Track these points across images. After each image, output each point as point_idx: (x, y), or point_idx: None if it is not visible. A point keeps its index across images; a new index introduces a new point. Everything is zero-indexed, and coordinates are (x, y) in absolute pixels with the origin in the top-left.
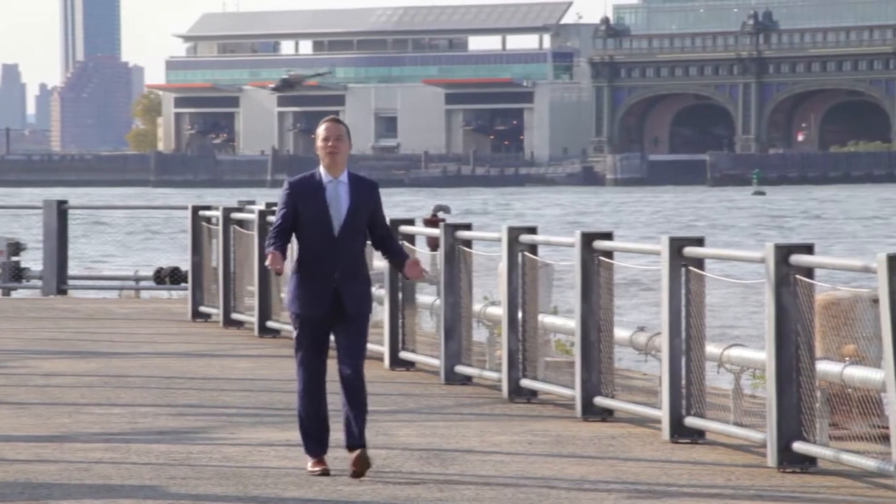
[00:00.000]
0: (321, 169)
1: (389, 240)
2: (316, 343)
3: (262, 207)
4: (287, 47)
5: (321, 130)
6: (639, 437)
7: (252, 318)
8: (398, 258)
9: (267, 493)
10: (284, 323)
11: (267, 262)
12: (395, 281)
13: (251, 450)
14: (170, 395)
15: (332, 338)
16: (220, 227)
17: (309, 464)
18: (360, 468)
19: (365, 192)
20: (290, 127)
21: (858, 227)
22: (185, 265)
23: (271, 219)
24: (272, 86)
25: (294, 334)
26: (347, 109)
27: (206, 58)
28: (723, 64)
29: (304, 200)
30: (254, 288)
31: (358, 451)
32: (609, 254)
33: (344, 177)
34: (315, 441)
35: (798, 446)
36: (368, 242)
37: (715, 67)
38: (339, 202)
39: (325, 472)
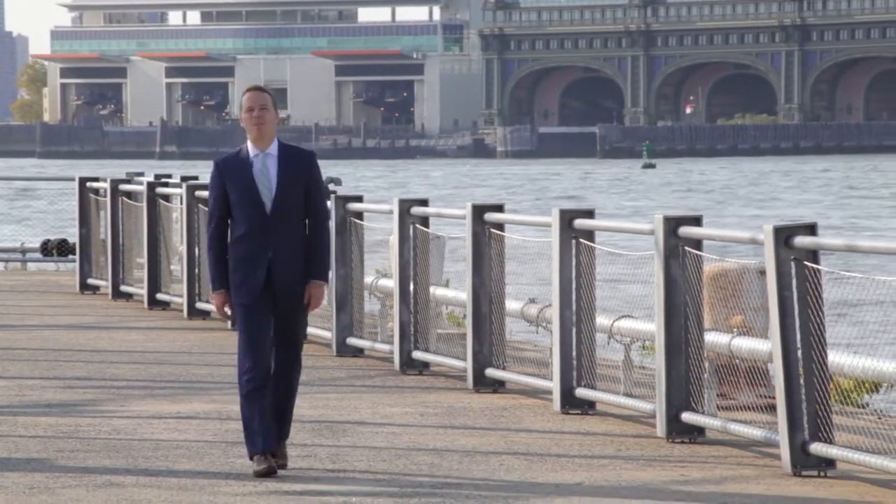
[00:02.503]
0: (248, 143)
1: (318, 236)
2: (257, 332)
3: (151, 179)
4: (175, 18)
5: (244, 100)
6: (530, 408)
7: (141, 291)
8: (313, 265)
9: (157, 465)
10: (175, 295)
11: (216, 308)
12: None
13: (141, 422)
14: (58, 367)
15: None
16: (109, 199)
17: (254, 463)
18: (282, 462)
19: (297, 164)
20: (178, 98)
21: (749, 200)
22: (73, 237)
23: (161, 190)
24: None
25: (238, 329)
26: (236, 81)
27: (92, 28)
28: (611, 37)
29: (232, 178)
30: (143, 260)
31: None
32: (500, 226)
33: (273, 148)
34: (258, 439)
35: (687, 417)
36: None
37: (604, 40)
38: (267, 176)
39: (272, 470)
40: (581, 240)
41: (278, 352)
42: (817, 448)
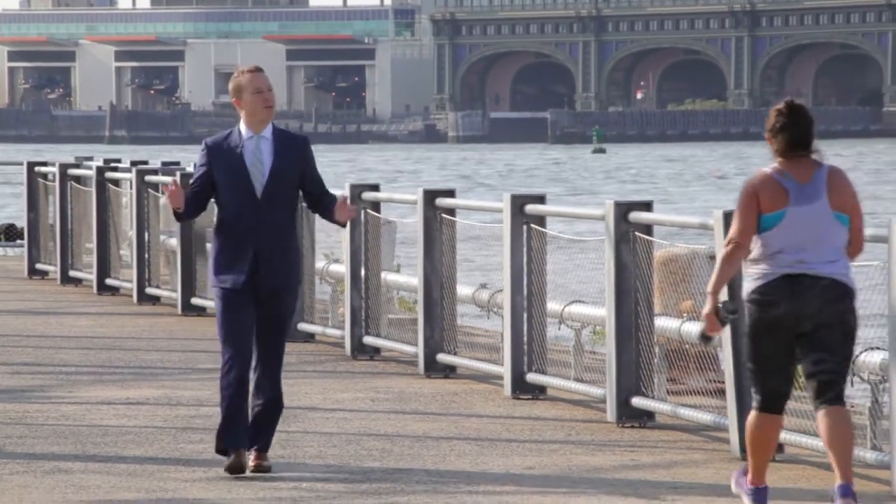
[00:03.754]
0: (241, 126)
1: (324, 195)
2: (238, 321)
3: (101, 164)
4: (124, 1)
5: (246, 82)
6: (481, 393)
7: (90, 276)
8: (331, 206)
9: (106, 451)
10: (124, 280)
11: (164, 197)
12: None
13: (90, 408)
14: (5, 353)
15: None
16: (57, 184)
17: (228, 458)
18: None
19: (292, 150)
20: (128, 82)
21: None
22: (21, 221)
23: (111, 175)
24: None
25: (217, 318)
26: (187, 65)
27: (40, 11)
28: (563, 22)
29: (221, 161)
30: (92, 245)
31: (259, 455)
32: (452, 211)
33: (268, 132)
34: (234, 434)
35: (637, 401)
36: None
37: (555, 25)
38: (260, 159)
39: (243, 469)
40: (532, 225)
41: (263, 347)
42: None
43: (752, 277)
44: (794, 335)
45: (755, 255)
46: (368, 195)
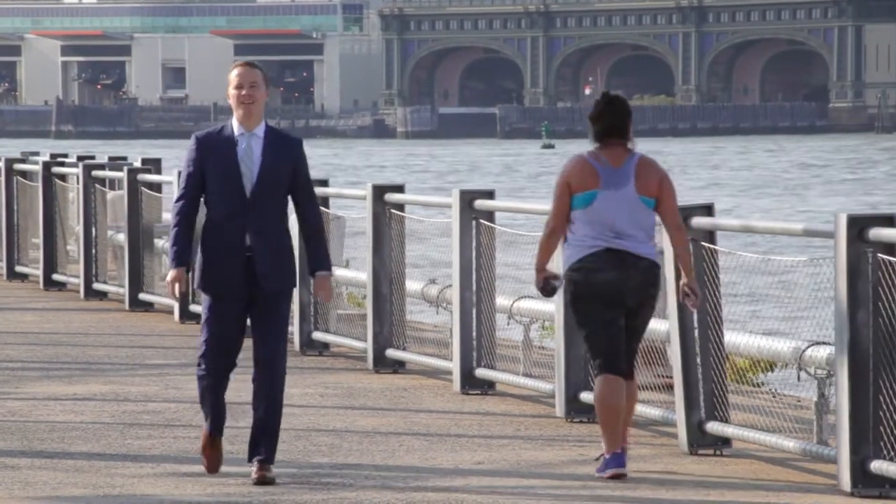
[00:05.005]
0: (233, 121)
1: (317, 223)
2: (225, 325)
3: (47, 159)
4: None
5: (232, 76)
6: (430, 388)
7: (37, 271)
8: (310, 248)
9: (53, 447)
10: (71, 276)
11: (167, 283)
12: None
13: (37, 404)
14: None
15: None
16: (3, 179)
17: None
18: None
19: (283, 150)
20: (74, 77)
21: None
22: None
23: (57, 170)
24: None
25: (202, 316)
26: (134, 60)
27: None
28: (511, 17)
29: (212, 156)
30: (38, 240)
31: (262, 466)
32: (401, 206)
33: (260, 130)
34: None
35: (585, 396)
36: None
37: (503, 21)
38: (251, 158)
39: (216, 467)
40: (481, 220)
41: (262, 349)
42: (713, 427)
43: (576, 249)
44: (622, 303)
45: (576, 231)
46: (316, 190)
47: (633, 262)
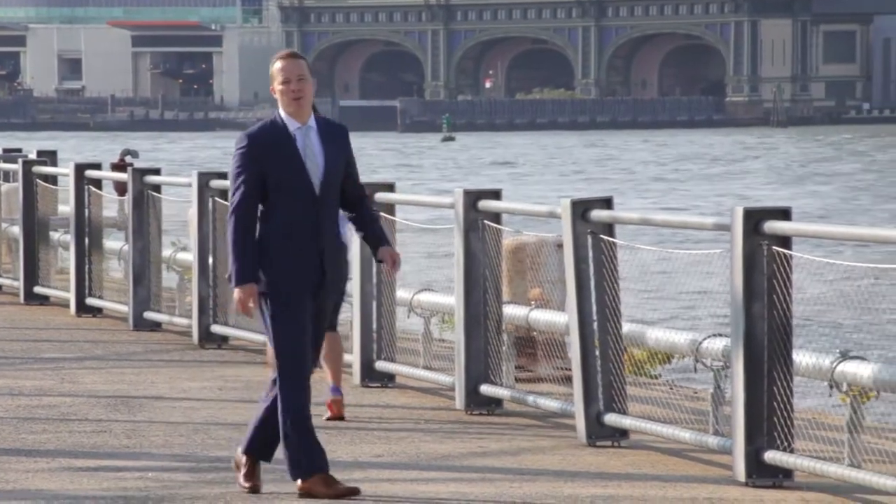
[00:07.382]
0: (281, 113)
1: (362, 206)
2: (301, 335)
3: None
4: None
5: (277, 70)
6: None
7: None
8: (370, 233)
9: None
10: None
11: (236, 303)
12: (81, 224)
13: None
14: None
15: None
16: None
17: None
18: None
19: (337, 139)
20: None
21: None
22: None
23: None
24: None
25: (270, 332)
26: (29, 51)
27: None
28: (411, 10)
29: (272, 156)
30: None
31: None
32: None
33: (312, 122)
34: (318, 454)
35: (485, 389)
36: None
37: (404, 14)
38: (314, 153)
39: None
40: (382, 213)
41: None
42: (611, 419)
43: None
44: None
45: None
46: (216, 183)
47: None
